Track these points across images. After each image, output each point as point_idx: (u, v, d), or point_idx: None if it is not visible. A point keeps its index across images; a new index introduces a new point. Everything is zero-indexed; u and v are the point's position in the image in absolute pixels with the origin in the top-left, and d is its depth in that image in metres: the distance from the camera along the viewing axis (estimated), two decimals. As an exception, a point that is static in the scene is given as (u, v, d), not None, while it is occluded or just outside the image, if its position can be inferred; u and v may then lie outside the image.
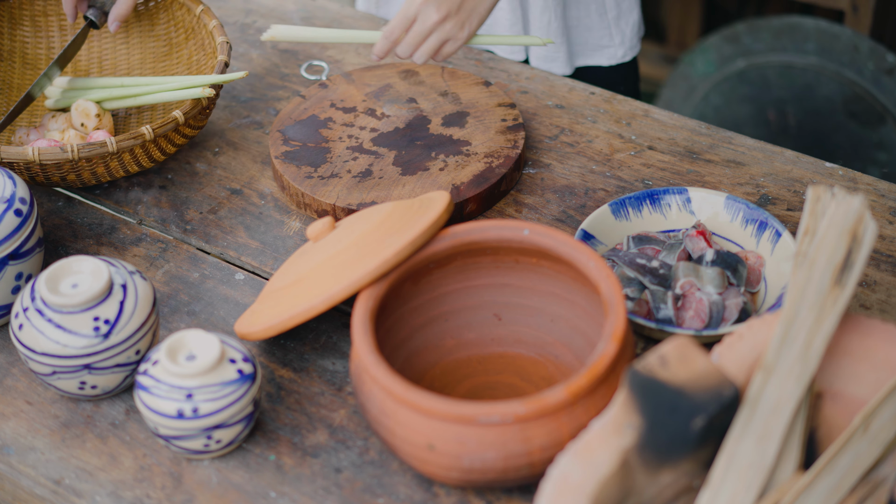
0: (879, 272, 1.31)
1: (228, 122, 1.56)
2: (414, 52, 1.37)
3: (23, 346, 1.16)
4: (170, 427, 1.11)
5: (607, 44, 1.71)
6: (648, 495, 0.98)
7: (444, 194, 1.21)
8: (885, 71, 2.35)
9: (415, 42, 1.36)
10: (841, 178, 1.42)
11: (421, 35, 1.35)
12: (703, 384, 0.97)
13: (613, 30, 1.70)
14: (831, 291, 1.03)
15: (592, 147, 1.49)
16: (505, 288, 1.22)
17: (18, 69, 1.58)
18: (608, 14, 1.68)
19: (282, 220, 1.42)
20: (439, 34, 1.35)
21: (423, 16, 1.34)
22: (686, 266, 1.25)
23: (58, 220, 1.43)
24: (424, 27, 1.34)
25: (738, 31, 2.48)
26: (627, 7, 1.70)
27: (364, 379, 1.09)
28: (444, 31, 1.35)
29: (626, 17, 1.70)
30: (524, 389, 1.19)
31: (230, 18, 1.74)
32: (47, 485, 1.15)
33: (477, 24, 1.37)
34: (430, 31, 1.35)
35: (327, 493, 1.12)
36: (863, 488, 0.98)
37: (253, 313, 1.22)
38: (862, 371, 1.04)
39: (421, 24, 1.34)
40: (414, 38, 1.36)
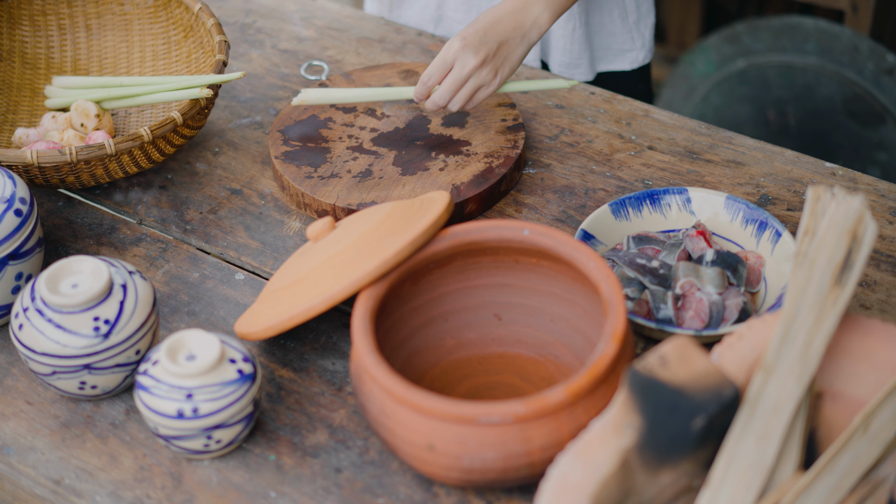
0: (879, 272, 1.31)
1: (228, 122, 1.56)
2: (450, 99, 1.37)
3: (23, 346, 1.16)
4: (170, 427, 1.11)
5: (629, 48, 1.69)
6: (648, 495, 0.98)
7: (444, 194, 1.21)
8: (885, 71, 2.35)
9: (452, 89, 1.36)
10: (841, 178, 1.42)
11: (458, 82, 1.35)
12: (703, 384, 0.97)
13: (634, 33, 1.69)
14: (831, 291, 1.03)
15: (592, 147, 1.49)
16: (505, 288, 1.22)
17: (18, 69, 1.58)
18: (629, 18, 1.67)
19: (282, 220, 1.42)
20: (475, 80, 1.36)
21: (462, 61, 1.35)
22: (686, 266, 1.25)
23: (58, 220, 1.43)
24: (462, 73, 1.35)
25: (738, 31, 2.48)
26: (646, 9, 1.69)
27: (364, 379, 1.09)
28: (480, 78, 1.36)
29: (646, 20, 1.69)
30: (524, 389, 1.19)
31: (230, 18, 1.74)
32: (47, 485, 1.15)
33: (508, 73, 1.38)
34: (467, 77, 1.35)
35: (327, 493, 1.12)
36: (863, 488, 0.98)
37: (253, 313, 1.22)
38: (862, 371, 1.04)
39: (459, 71, 1.35)
40: (451, 85, 1.36)
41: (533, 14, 1.37)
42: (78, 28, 1.60)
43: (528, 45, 1.38)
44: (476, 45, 1.34)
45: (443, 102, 1.37)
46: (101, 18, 1.60)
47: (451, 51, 1.35)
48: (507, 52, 1.36)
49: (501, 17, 1.36)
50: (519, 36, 1.37)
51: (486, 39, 1.35)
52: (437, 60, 1.36)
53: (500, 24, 1.36)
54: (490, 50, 1.34)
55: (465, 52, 1.34)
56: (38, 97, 1.57)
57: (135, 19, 1.60)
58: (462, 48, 1.34)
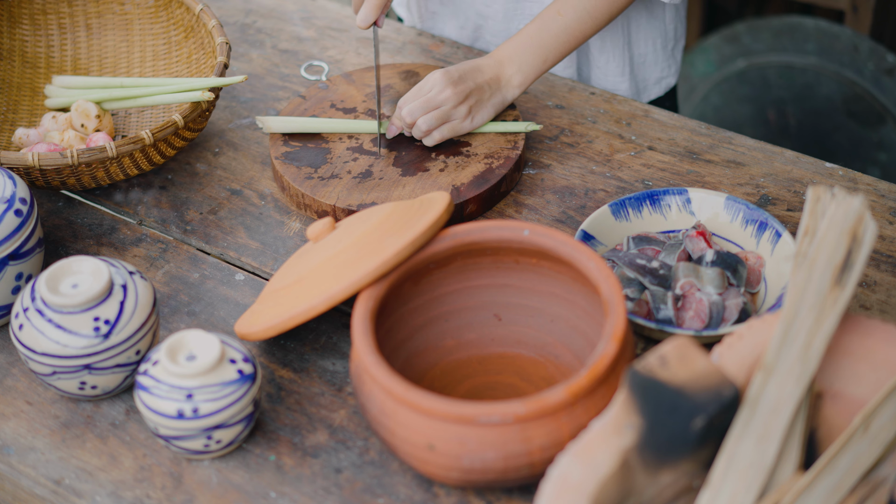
0: (879, 272, 1.31)
1: (228, 123, 1.56)
2: (420, 116, 1.40)
3: (23, 346, 1.16)
4: (170, 427, 1.11)
5: (665, 75, 1.69)
6: (648, 495, 0.98)
7: (444, 195, 1.21)
8: (885, 71, 2.35)
9: (424, 107, 1.39)
10: (841, 178, 1.42)
11: (432, 103, 1.39)
12: (703, 384, 0.97)
13: (671, 60, 1.69)
14: (831, 292, 1.03)
15: (592, 147, 1.49)
16: (505, 288, 1.22)
17: (18, 68, 1.58)
18: (668, 45, 1.67)
19: (282, 220, 1.42)
20: (445, 110, 1.40)
21: (439, 87, 1.39)
22: (686, 266, 1.25)
23: (58, 220, 1.43)
24: (438, 97, 1.39)
25: (738, 31, 2.48)
26: (681, 33, 1.68)
27: (364, 379, 1.10)
28: (453, 109, 1.40)
29: (680, 43, 1.69)
30: (524, 389, 1.19)
31: (230, 18, 1.74)
32: (47, 485, 1.15)
33: (481, 119, 1.42)
34: (442, 102, 1.39)
35: (327, 494, 1.12)
36: (863, 488, 0.98)
37: (253, 313, 1.22)
38: (862, 371, 1.04)
39: (435, 94, 1.39)
40: (424, 103, 1.39)
41: (508, 72, 1.42)
42: (78, 27, 1.60)
43: (502, 99, 1.43)
44: (456, 80, 1.40)
45: (411, 119, 1.40)
46: (102, 18, 1.60)
47: (430, 79, 1.40)
48: (482, 98, 1.41)
49: (483, 66, 1.42)
50: (496, 87, 1.42)
51: (465, 78, 1.40)
52: (416, 87, 1.41)
53: (481, 72, 1.41)
54: (468, 88, 1.40)
55: (444, 81, 1.39)
56: (38, 96, 1.57)
57: (135, 19, 1.60)
58: (442, 78, 1.39)
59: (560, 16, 1.43)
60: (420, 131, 1.41)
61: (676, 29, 1.67)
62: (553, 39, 1.43)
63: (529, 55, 1.43)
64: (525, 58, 1.43)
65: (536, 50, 1.43)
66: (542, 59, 1.43)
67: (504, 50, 1.43)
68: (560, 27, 1.43)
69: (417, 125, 1.41)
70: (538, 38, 1.43)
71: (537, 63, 1.43)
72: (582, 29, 1.44)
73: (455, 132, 1.42)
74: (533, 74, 1.43)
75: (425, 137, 1.43)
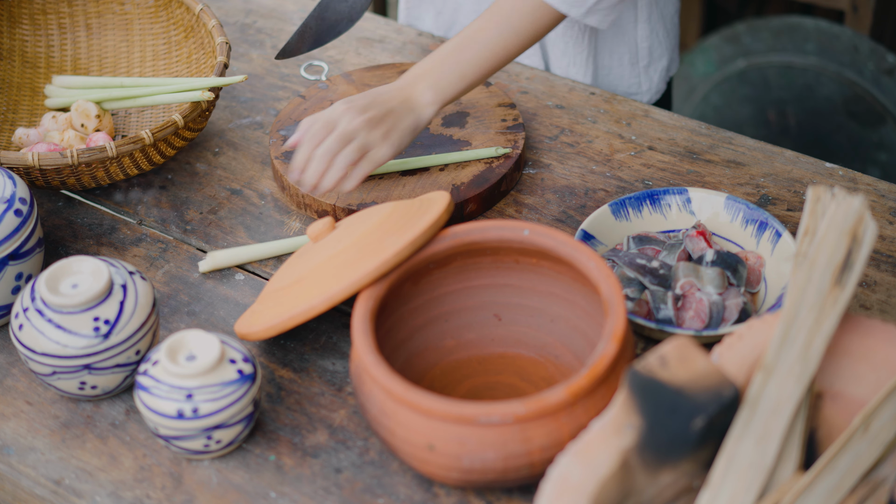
0: (879, 272, 1.31)
1: (228, 123, 1.56)
2: (334, 156, 1.26)
3: (23, 346, 1.16)
4: (170, 427, 1.11)
5: (635, 91, 1.67)
6: (648, 495, 0.98)
7: (444, 194, 1.21)
8: (885, 71, 2.35)
9: (339, 142, 1.26)
10: (841, 178, 1.42)
11: (346, 136, 1.26)
12: (703, 384, 0.97)
13: (643, 77, 1.66)
14: (831, 292, 1.03)
15: (592, 147, 1.49)
16: (505, 288, 1.22)
17: (18, 67, 1.58)
18: (640, 63, 1.65)
19: (282, 220, 1.42)
20: (363, 138, 1.26)
21: (348, 118, 1.27)
22: (686, 266, 1.25)
23: (58, 220, 1.43)
24: (349, 128, 1.26)
25: (738, 31, 2.48)
26: (658, 54, 1.65)
27: (364, 379, 1.09)
28: (367, 136, 1.27)
29: (656, 64, 1.66)
30: (524, 390, 1.19)
31: (230, 18, 1.74)
32: (47, 485, 1.15)
33: (398, 143, 1.29)
34: (354, 132, 1.26)
35: (327, 494, 1.12)
36: (863, 489, 0.98)
37: (253, 313, 1.22)
38: (862, 371, 1.04)
39: (345, 126, 1.26)
40: (336, 140, 1.26)
41: (418, 91, 1.31)
42: (78, 27, 1.60)
43: (418, 120, 1.30)
44: (362, 107, 1.28)
45: (325, 162, 1.26)
46: (102, 18, 1.60)
47: (336, 110, 1.28)
48: (396, 120, 1.29)
49: (387, 91, 1.31)
50: (407, 108, 1.30)
51: (373, 104, 1.29)
52: (321, 120, 1.27)
53: (387, 95, 1.30)
54: (378, 112, 1.28)
55: (351, 110, 1.27)
56: (38, 96, 1.57)
57: (135, 19, 1.60)
58: (347, 108, 1.28)
59: (482, 32, 1.34)
60: (339, 170, 1.27)
61: (652, 49, 1.63)
62: (473, 55, 1.33)
63: (445, 72, 1.32)
64: (440, 74, 1.32)
65: (454, 66, 1.32)
66: (460, 75, 1.32)
67: (416, 69, 1.33)
68: (481, 44, 1.33)
69: (335, 164, 1.26)
70: (456, 55, 1.33)
71: (454, 80, 1.32)
72: (506, 46, 1.34)
73: (374, 164, 1.28)
74: (450, 91, 1.32)
75: (346, 181, 1.28)
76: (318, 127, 1.28)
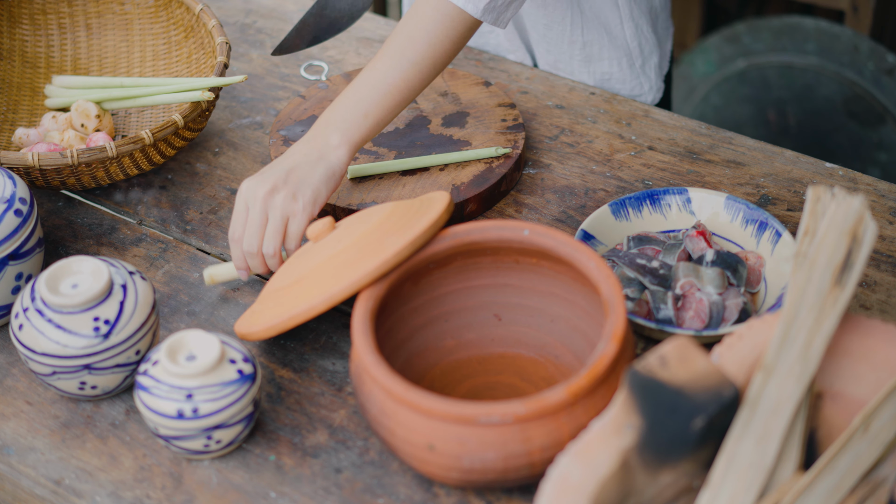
0: (879, 272, 1.31)
1: (228, 123, 1.56)
2: (262, 239, 1.25)
3: (23, 346, 1.16)
4: (170, 427, 1.11)
5: (639, 92, 1.66)
6: (648, 495, 0.98)
7: (444, 194, 1.21)
8: (885, 71, 2.35)
9: (256, 227, 1.25)
10: (841, 178, 1.42)
11: (259, 216, 1.25)
12: (703, 384, 0.97)
13: (642, 78, 1.66)
14: (831, 292, 1.03)
15: (592, 147, 1.49)
16: (505, 288, 1.22)
17: (18, 67, 1.58)
18: (635, 64, 1.64)
19: (282, 220, 1.42)
20: (276, 211, 1.24)
21: (251, 197, 1.25)
22: (686, 266, 1.25)
23: (58, 220, 1.43)
24: (256, 209, 1.24)
25: (738, 31, 2.48)
26: (649, 51, 1.64)
27: (364, 379, 1.10)
28: (279, 207, 1.24)
29: (649, 62, 1.65)
30: (524, 390, 1.19)
31: (230, 18, 1.74)
32: (47, 485, 1.15)
33: (312, 196, 1.25)
34: (263, 210, 1.24)
35: (327, 494, 1.12)
36: (863, 489, 0.98)
37: (253, 313, 1.22)
38: (862, 371, 1.04)
39: (253, 207, 1.25)
40: (253, 226, 1.25)
41: (321, 141, 1.28)
42: (78, 27, 1.60)
43: (329, 166, 1.26)
44: (259, 181, 1.25)
45: (255, 248, 1.25)
46: (102, 18, 1.60)
47: (240, 197, 1.26)
48: (302, 176, 1.25)
49: (292, 151, 1.28)
50: (313, 159, 1.27)
51: (270, 173, 1.26)
52: (233, 216, 1.27)
53: (286, 157, 1.28)
54: (278, 178, 1.25)
55: (252, 188, 1.25)
56: (38, 96, 1.57)
57: (135, 19, 1.60)
58: (248, 188, 1.25)
59: (377, 67, 1.31)
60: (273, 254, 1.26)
61: (642, 46, 1.63)
62: (371, 90, 1.29)
63: (347, 112, 1.29)
64: (342, 115, 1.29)
65: (354, 105, 1.29)
66: (363, 113, 1.29)
67: (323, 115, 1.30)
68: (377, 78, 1.30)
69: (266, 255, 1.26)
70: (354, 94, 1.30)
71: (357, 118, 1.28)
72: (405, 77, 1.30)
73: (300, 225, 1.25)
74: (356, 132, 1.28)
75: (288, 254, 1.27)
76: (235, 223, 1.27)
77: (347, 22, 1.43)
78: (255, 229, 1.25)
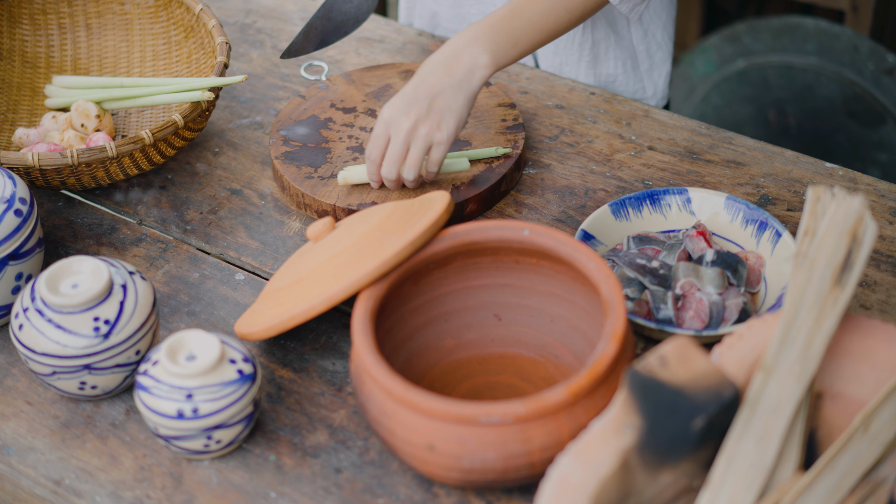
0: (879, 272, 1.31)
1: (228, 123, 1.56)
2: (400, 167, 1.31)
3: (23, 346, 1.16)
4: (170, 427, 1.11)
5: (641, 97, 1.67)
6: (648, 495, 0.98)
7: (444, 194, 1.21)
8: (885, 71, 2.35)
9: (397, 158, 1.30)
10: (841, 178, 1.42)
11: (401, 147, 1.29)
12: (703, 384, 0.97)
13: (647, 82, 1.66)
14: (831, 292, 1.03)
15: (592, 147, 1.49)
16: (505, 288, 1.22)
17: (18, 68, 1.58)
18: (641, 67, 1.64)
19: (282, 220, 1.42)
20: (419, 142, 1.29)
21: (395, 128, 1.29)
22: (686, 266, 1.25)
23: (58, 220, 1.43)
24: (399, 140, 1.29)
25: (738, 31, 2.48)
26: (661, 59, 1.65)
27: (364, 379, 1.10)
28: (422, 137, 1.29)
29: (660, 69, 1.66)
30: (524, 390, 1.19)
31: (230, 18, 1.74)
32: (47, 485, 1.15)
33: (455, 123, 1.29)
34: (406, 141, 1.29)
35: (327, 494, 1.12)
36: (863, 489, 0.98)
37: (253, 313, 1.22)
38: (862, 371, 1.04)
39: (395, 138, 1.29)
40: (394, 155, 1.30)
41: (468, 60, 1.30)
42: (78, 27, 1.60)
43: (469, 92, 1.30)
44: (405, 108, 1.29)
45: (393, 176, 1.31)
46: (102, 18, 1.60)
47: (382, 122, 1.30)
48: (445, 104, 1.29)
49: (431, 70, 1.30)
50: (455, 84, 1.29)
51: (414, 99, 1.29)
52: (373, 136, 1.31)
53: (430, 78, 1.30)
54: (421, 107, 1.28)
55: (396, 118, 1.29)
56: (38, 96, 1.57)
57: (135, 19, 1.60)
58: (391, 116, 1.29)
59: (534, 3, 1.34)
60: (412, 183, 1.33)
61: (650, 51, 1.63)
62: (526, 24, 1.33)
63: (499, 36, 1.31)
64: (493, 38, 1.31)
65: (507, 34, 1.32)
66: (513, 42, 1.32)
67: (466, 33, 1.32)
68: (534, 13, 1.33)
69: (405, 177, 1.32)
70: (508, 22, 1.32)
71: (508, 46, 1.32)
72: (556, 19, 1.35)
73: (442, 153, 1.31)
74: (503, 56, 1.32)
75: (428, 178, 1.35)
76: (372, 146, 1.31)
77: (353, 25, 1.44)
78: (395, 159, 1.30)
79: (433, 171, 1.33)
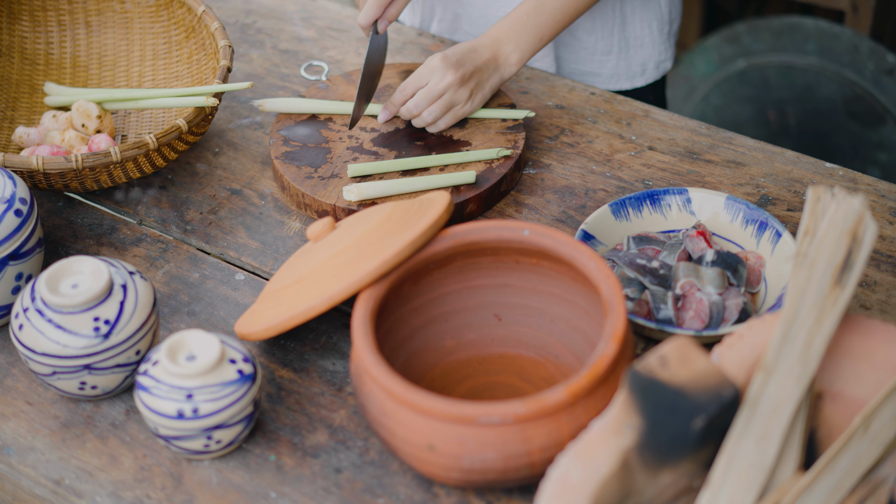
0: (879, 272, 1.31)
1: (229, 123, 1.56)
2: (425, 108, 1.42)
3: (23, 346, 1.16)
4: (170, 427, 1.11)
5: (663, 58, 1.71)
6: (648, 496, 0.98)
7: (444, 195, 1.21)
8: (885, 71, 2.35)
9: (428, 98, 1.41)
10: (841, 178, 1.42)
11: (434, 93, 1.41)
12: (703, 384, 0.97)
13: (667, 44, 1.70)
14: (831, 292, 1.03)
15: (592, 147, 1.49)
16: (505, 288, 1.22)
17: (17, 64, 1.58)
18: (664, 28, 1.68)
19: (282, 220, 1.42)
20: (449, 96, 1.41)
21: (439, 75, 1.40)
22: (686, 266, 1.25)
23: (58, 220, 1.43)
24: (438, 86, 1.40)
25: (738, 31, 2.48)
26: (676, 14, 1.70)
27: (364, 379, 1.10)
28: (455, 95, 1.41)
29: (673, 27, 1.70)
30: (524, 390, 1.19)
31: (230, 18, 1.74)
32: (47, 485, 1.15)
33: (481, 100, 1.44)
34: (443, 91, 1.40)
35: (327, 494, 1.12)
36: (863, 489, 0.98)
37: (253, 313, 1.22)
38: (862, 371, 1.04)
39: (436, 83, 1.40)
40: (426, 95, 1.41)
41: (506, 51, 1.43)
42: (78, 25, 1.60)
43: (501, 78, 1.44)
44: (455, 64, 1.40)
45: (417, 110, 1.42)
46: (102, 16, 1.60)
47: (430, 65, 1.41)
48: (482, 79, 1.43)
49: (480, 46, 1.43)
50: (493, 67, 1.43)
51: (464, 61, 1.41)
52: (415, 74, 1.42)
53: (479, 52, 1.42)
54: (467, 71, 1.41)
55: (444, 68, 1.40)
56: (38, 94, 1.57)
57: (135, 18, 1.60)
58: (441, 64, 1.40)
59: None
60: (425, 122, 1.43)
61: (671, 11, 1.68)
62: (549, 17, 1.45)
63: (527, 33, 1.44)
64: (522, 36, 1.43)
65: (533, 28, 1.44)
66: (539, 36, 1.44)
67: (500, 28, 1.44)
68: (556, 5, 1.45)
69: (422, 117, 1.43)
70: (535, 17, 1.44)
71: (534, 41, 1.44)
72: (577, 6, 1.46)
73: (457, 118, 1.44)
74: (530, 52, 1.44)
75: (430, 126, 1.44)
76: (412, 81, 1.42)
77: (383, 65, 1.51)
78: (424, 101, 1.42)
79: (441, 127, 1.44)
